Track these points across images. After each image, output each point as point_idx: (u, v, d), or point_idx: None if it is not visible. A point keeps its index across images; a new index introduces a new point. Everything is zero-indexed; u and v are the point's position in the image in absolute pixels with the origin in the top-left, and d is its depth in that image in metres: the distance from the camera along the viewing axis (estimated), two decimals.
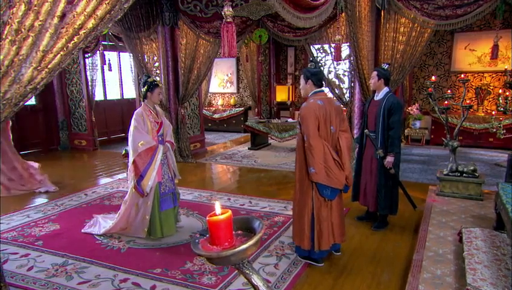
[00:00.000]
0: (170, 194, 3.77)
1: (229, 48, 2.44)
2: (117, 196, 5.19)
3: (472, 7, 4.81)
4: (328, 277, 3.04)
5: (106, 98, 9.57)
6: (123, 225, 3.77)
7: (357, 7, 4.85)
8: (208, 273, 3.08)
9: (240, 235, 0.97)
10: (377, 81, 3.75)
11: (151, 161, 3.52)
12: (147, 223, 3.64)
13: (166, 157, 3.75)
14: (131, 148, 3.54)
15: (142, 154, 3.49)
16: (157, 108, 3.78)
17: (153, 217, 3.64)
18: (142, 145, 3.49)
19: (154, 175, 3.53)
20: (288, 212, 4.43)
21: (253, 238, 0.89)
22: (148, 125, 3.58)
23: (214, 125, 10.90)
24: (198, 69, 7.15)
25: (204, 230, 1.04)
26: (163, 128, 3.73)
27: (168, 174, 3.77)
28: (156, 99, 3.68)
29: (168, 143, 3.75)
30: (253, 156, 7.71)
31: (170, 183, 3.78)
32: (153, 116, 3.65)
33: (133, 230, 3.74)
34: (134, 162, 3.51)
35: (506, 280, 2.50)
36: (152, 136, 3.59)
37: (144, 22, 6.74)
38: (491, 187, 4.96)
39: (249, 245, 0.87)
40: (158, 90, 3.63)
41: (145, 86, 3.60)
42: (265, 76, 10.49)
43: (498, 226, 3.44)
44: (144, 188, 3.52)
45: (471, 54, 8.15)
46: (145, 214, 3.63)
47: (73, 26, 1.31)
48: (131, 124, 3.56)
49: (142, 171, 3.49)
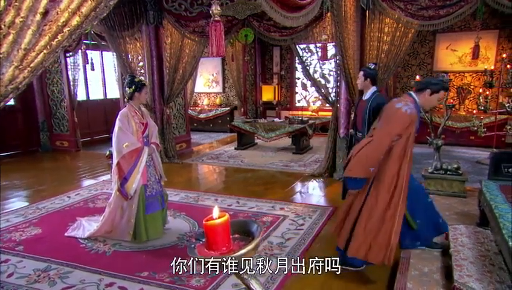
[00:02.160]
0: (158, 197, 3.70)
1: (217, 47, 2.40)
2: (101, 198, 5.08)
3: (454, 8, 4.90)
4: (317, 276, 3.04)
5: (89, 98, 9.37)
6: (108, 228, 3.68)
7: (343, 7, 4.87)
8: (197, 276, 3.04)
9: (237, 239, 0.94)
10: (363, 81, 3.76)
11: (136, 163, 3.43)
12: (132, 226, 3.56)
13: (152, 159, 3.68)
14: (115, 150, 3.45)
15: (127, 156, 3.40)
16: (142, 109, 3.71)
17: (138, 220, 3.56)
18: (127, 147, 3.40)
19: (138, 178, 3.45)
20: (276, 212, 4.43)
21: (252, 243, 0.86)
22: (133, 126, 3.50)
23: (199, 125, 10.81)
24: (183, 69, 7.07)
25: (199, 234, 0.98)
26: (149, 129, 3.66)
27: (155, 176, 3.69)
28: (144, 99, 3.62)
29: (154, 144, 3.68)
30: (240, 156, 7.67)
31: (157, 186, 3.71)
32: (138, 117, 3.58)
33: (118, 233, 3.65)
34: (118, 164, 3.42)
35: (491, 275, 2.55)
36: (137, 137, 3.51)
37: (127, 20, 6.61)
38: (473, 184, 5.06)
39: (247, 250, 0.85)
40: (145, 90, 3.57)
41: (132, 86, 3.51)
42: (251, 76, 10.47)
43: (481, 223, 3.52)
44: (128, 191, 3.44)
45: (453, 54, 8.34)
46: (130, 217, 3.55)
47: (57, 24, 1.25)
48: (115, 125, 3.48)
49: (126, 173, 3.40)
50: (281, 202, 4.80)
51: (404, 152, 2.76)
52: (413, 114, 2.74)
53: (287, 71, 10.69)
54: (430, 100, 2.82)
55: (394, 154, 2.77)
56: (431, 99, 2.80)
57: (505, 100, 6.83)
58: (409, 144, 2.76)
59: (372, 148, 2.79)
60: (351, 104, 5.44)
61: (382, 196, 2.79)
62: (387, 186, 2.78)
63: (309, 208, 4.57)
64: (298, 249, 3.49)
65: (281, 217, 4.27)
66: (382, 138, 2.77)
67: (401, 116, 2.74)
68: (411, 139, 2.77)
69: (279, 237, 3.75)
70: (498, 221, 2.67)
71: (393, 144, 2.76)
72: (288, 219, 4.22)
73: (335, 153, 5.80)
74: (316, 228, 3.94)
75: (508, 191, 3.21)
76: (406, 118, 2.72)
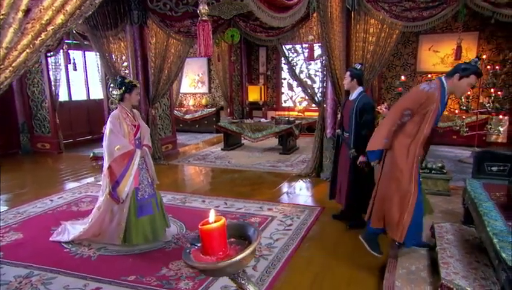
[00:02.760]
0: (151, 200, 3.61)
1: (205, 47, 2.37)
2: (85, 201, 4.97)
3: (436, 10, 4.99)
4: (306, 276, 3.05)
5: (71, 99, 9.18)
6: (96, 231, 3.57)
7: (329, 8, 4.90)
8: (185, 279, 3.00)
9: (233, 244, 0.92)
10: (350, 82, 3.79)
11: (128, 166, 3.36)
12: (122, 229, 3.46)
13: (144, 162, 3.60)
14: (106, 153, 3.36)
15: (118, 159, 3.32)
16: (134, 110, 3.62)
17: (129, 224, 3.47)
18: (118, 150, 3.32)
19: (131, 181, 3.38)
20: (264, 212, 4.42)
21: (250, 247, 0.84)
22: (125, 128, 3.42)
23: (185, 126, 10.72)
24: (169, 69, 6.99)
25: (194, 239, 0.95)
26: (141, 131, 3.58)
27: (147, 179, 3.61)
28: (135, 101, 3.53)
29: (146, 147, 3.60)
30: (227, 156, 7.64)
31: (149, 189, 3.62)
32: (129, 119, 3.50)
33: (107, 237, 3.55)
34: (109, 167, 3.33)
35: (476, 272, 2.60)
36: (129, 139, 3.43)
37: (111, 20, 6.49)
38: (456, 183, 5.17)
39: (246, 254, 0.82)
40: (136, 91, 3.48)
41: (122, 87, 3.43)
42: (237, 76, 10.44)
43: (466, 221, 3.58)
44: (120, 195, 3.35)
45: (435, 55, 8.50)
46: (120, 220, 3.45)
47: (40, 22, 1.20)
48: (106, 128, 3.39)
49: (118, 176, 3.33)
50: (268, 202, 4.79)
51: (417, 131, 2.84)
52: (432, 93, 2.78)
53: (273, 71, 10.70)
54: (460, 85, 2.81)
55: (406, 130, 2.90)
56: (460, 84, 2.80)
57: (485, 100, 7.03)
58: (423, 124, 2.81)
59: (385, 120, 3.01)
60: (337, 104, 5.48)
61: (394, 163, 2.95)
62: (399, 156, 2.92)
63: (297, 208, 4.58)
64: (287, 250, 3.48)
65: (269, 217, 4.26)
66: (393, 111, 2.95)
67: (416, 93, 2.87)
68: (427, 119, 2.80)
69: (267, 237, 3.73)
70: (482, 219, 2.72)
71: (406, 119, 2.87)
72: (277, 219, 4.21)
73: (322, 153, 5.83)
74: (304, 228, 3.95)
75: (491, 189, 3.28)
76: (421, 94, 2.81)
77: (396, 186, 2.96)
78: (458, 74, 2.79)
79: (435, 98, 2.77)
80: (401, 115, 2.84)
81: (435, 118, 2.83)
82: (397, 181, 2.95)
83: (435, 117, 2.82)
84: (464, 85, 2.81)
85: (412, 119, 2.85)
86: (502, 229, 2.50)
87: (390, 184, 3.00)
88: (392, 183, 2.99)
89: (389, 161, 3.03)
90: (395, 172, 2.96)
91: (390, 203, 3.00)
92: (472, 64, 2.81)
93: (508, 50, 8.00)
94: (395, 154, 2.96)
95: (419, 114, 2.81)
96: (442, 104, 2.85)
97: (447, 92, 2.86)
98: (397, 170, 2.95)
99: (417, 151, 2.87)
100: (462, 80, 2.78)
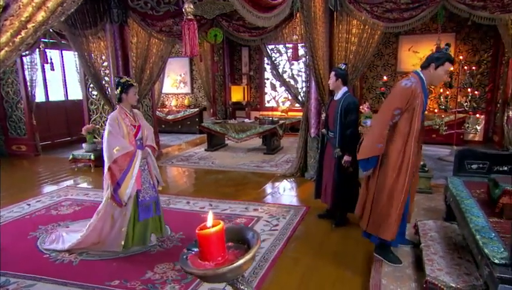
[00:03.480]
0: (152, 203, 3.51)
1: (191, 47, 2.33)
2: (65, 204, 4.82)
3: (416, 11, 5.10)
4: (293, 276, 3.05)
5: (48, 100, 8.89)
6: (95, 239, 3.41)
7: (312, 8, 4.92)
8: (171, 282, 2.95)
9: (231, 248, 0.89)
10: (335, 82, 3.82)
11: (129, 168, 3.24)
12: (123, 235, 3.33)
13: (146, 163, 3.49)
14: (105, 155, 3.25)
15: (119, 160, 3.21)
16: (134, 110, 3.50)
17: (129, 228, 3.36)
18: (118, 151, 3.22)
19: (132, 183, 3.26)
20: (250, 213, 4.40)
21: (251, 251, 0.81)
22: (124, 129, 3.31)
23: (167, 126, 10.57)
24: (150, 69, 6.87)
25: (191, 244, 0.91)
26: (142, 131, 3.47)
27: (149, 181, 3.51)
28: (133, 100, 3.41)
29: (149, 147, 3.49)
30: (211, 157, 7.57)
31: (152, 191, 3.52)
32: (129, 120, 3.39)
33: (106, 245, 3.40)
34: (109, 169, 3.22)
35: (460, 268, 2.66)
36: (129, 140, 3.32)
37: (90, 18, 6.31)
38: (437, 180, 5.29)
39: (246, 259, 0.80)
40: (133, 90, 3.36)
41: (119, 87, 3.32)
42: (219, 76, 10.37)
43: (448, 218, 3.66)
44: (121, 197, 3.24)
45: (414, 55, 8.68)
46: (121, 226, 3.33)
47: (20, 19, 1.14)
48: (105, 130, 3.29)
49: (119, 178, 3.21)
50: (254, 203, 4.77)
51: (410, 128, 2.84)
52: (414, 88, 2.81)
53: (256, 72, 10.69)
54: (437, 74, 2.85)
55: (399, 130, 2.86)
56: (437, 73, 2.85)
57: (462, 100, 7.22)
58: (414, 119, 2.82)
59: (376, 124, 2.93)
60: (321, 104, 5.51)
61: (390, 172, 2.87)
62: (394, 163, 2.86)
63: (282, 208, 4.58)
64: (274, 250, 3.47)
65: (255, 218, 4.24)
66: (383, 113, 2.89)
67: (401, 90, 2.85)
68: (415, 114, 2.82)
69: None
70: (465, 215, 2.78)
71: (397, 119, 2.84)
72: (263, 219, 4.20)
73: (306, 153, 5.86)
74: (290, 228, 3.95)
75: (471, 187, 3.36)
76: (407, 91, 2.81)
77: (390, 191, 2.89)
78: (433, 63, 2.83)
79: (418, 92, 2.83)
80: (392, 116, 2.82)
81: (422, 110, 2.87)
82: (391, 188, 2.89)
83: (421, 110, 2.86)
84: (441, 73, 2.87)
85: (403, 117, 2.84)
86: (484, 225, 2.56)
87: (386, 197, 2.92)
88: (387, 193, 2.91)
89: (383, 169, 2.92)
90: (390, 182, 2.88)
91: (385, 207, 2.93)
92: (444, 52, 2.88)
93: (483, 51, 8.26)
94: (389, 161, 2.88)
95: (409, 110, 2.82)
96: (425, 96, 2.91)
97: (426, 83, 2.92)
98: (391, 179, 2.88)
99: (413, 148, 2.84)
100: (438, 69, 2.84)
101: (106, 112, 7.29)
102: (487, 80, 8.26)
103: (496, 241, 2.31)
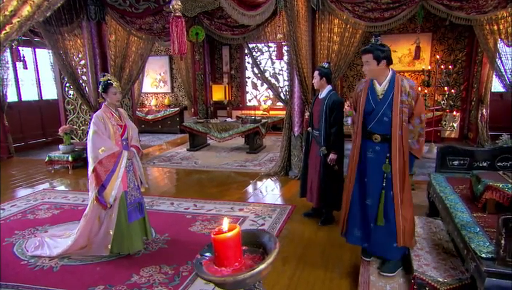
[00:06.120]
0: (137, 204, 3.42)
1: (179, 45, 2.27)
2: (42, 208, 4.63)
3: (397, 11, 5.20)
4: (283, 276, 3.03)
5: (21, 100, 8.55)
6: (83, 243, 3.28)
7: (295, 6, 4.93)
8: (158, 285, 2.88)
9: (246, 252, 0.85)
10: (319, 81, 3.83)
11: (115, 169, 3.14)
12: (110, 239, 3.22)
13: (131, 164, 3.39)
14: (90, 156, 3.13)
15: (104, 161, 3.10)
16: (120, 110, 3.39)
17: (121, 231, 3.24)
18: (103, 152, 3.10)
19: (118, 184, 3.16)
20: (236, 213, 4.36)
21: (270, 256, 0.77)
22: (111, 129, 3.20)
23: (147, 126, 10.37)
24: (130, 68, 6.72)
25: (204, 249, 0.87)
26: (128, 131, 3.36)
27: (134, 183, 3.40)
28: (114, 100, 3.28)
29: (134, 148, 3.39)
30: (193, 157, 7.48)
31: (136, 193, 3.42)
32: (115, 119, 3.27)
33: (93, 248, 3.28)
34: (94, 170, 3.10)
35: (446, 263, 2.71)
36: (115, 141, 3.21)
37: (65, 15, 6.09)
38: (418, 177, 5.41)
39: (267, 264, 0.76)
40: (113, 90, 3.23)
41: (99, 86, 3.22)
42: (200, 75, 10.26)
43: (431, 213, 3.75)
44: (106, 199, 3.13)
45: (393, 54, 8.80)
46: (108, 228, 3.21)
47: (4, 13, 1.07)
48: (90, 129, 3.16)
49: (104, 180, 3.10)
50: (239, 202, 4.74)
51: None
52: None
53: (237, 70, 10.63)
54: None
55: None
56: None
57: (439, 98, 7.43)
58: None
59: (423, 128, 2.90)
60: (304, 102, 5.53)
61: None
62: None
63: (268, 207, 4.56)
64: None
65: (241, 218, 4.21)
66: (423, 119, 2.92)
67: (420, 95, 3.08)
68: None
69: None
70: (450, 211, 2.84)
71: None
72: (249, 219, 4.17)
73: (290, 152, 5.87)
74: (277, 228, 3.94)
75: (453, 183, 3.45)
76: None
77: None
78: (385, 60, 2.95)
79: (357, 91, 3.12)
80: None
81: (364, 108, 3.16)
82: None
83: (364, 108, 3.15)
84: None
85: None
86: (469, 220, 2.62)
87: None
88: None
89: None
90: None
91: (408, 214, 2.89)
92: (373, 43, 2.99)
93: (458, 50, 8.52)
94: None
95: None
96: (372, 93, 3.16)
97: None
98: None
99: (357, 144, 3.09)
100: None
101: (84, 112, 7.07)
102: (462, 78, 8.53)
103: (482, 236, 2.37)
